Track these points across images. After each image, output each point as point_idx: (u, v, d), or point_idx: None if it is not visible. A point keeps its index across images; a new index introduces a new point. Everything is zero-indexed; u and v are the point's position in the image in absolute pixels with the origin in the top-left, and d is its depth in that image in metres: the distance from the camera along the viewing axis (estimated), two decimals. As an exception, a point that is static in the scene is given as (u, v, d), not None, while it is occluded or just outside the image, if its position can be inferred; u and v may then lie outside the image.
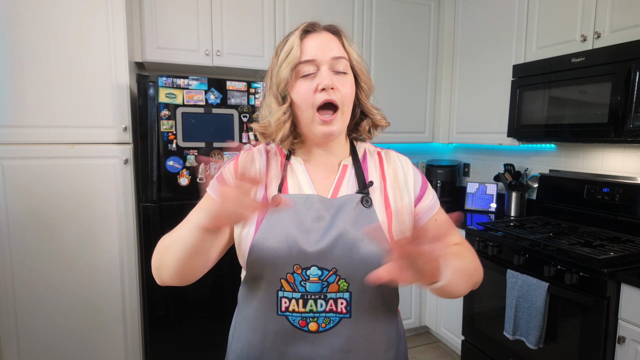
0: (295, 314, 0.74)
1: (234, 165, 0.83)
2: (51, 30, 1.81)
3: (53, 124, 1.85)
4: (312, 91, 0.74)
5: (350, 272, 0.73)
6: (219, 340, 2.12)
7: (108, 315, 2.02)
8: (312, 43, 0.76)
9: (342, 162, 0.83)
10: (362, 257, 0.73)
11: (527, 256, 1.79)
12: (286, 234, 0.73)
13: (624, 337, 1.48)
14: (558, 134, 1.94)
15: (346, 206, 0.76)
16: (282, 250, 0.72)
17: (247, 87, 2.06)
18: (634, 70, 1.59)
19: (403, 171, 0.85)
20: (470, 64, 2.60)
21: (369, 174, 0.83)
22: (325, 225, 0.74)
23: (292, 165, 0.83)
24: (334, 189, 0.80)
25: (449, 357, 2.51)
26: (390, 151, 0.90)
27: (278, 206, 0.75)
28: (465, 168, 3.03)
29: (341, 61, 0.77)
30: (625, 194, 1.90)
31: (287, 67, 0.75)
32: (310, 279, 0.73)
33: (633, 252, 1.59)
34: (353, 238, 0.73)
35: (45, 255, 1.90)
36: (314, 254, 0.72)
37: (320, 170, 0.82)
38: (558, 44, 2.00)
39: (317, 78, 0.75)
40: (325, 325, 0.74)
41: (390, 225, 0.77)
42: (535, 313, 1.70)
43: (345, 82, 0.77)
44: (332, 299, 0.74)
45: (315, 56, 0.75)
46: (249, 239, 0.76)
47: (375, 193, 0.80)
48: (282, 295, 0.74)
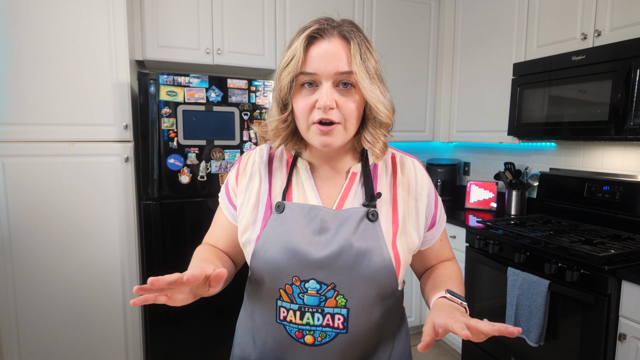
0: (292, 325, 0.73)
1: (236, 172, 0.82)
2: (52, 28, 1.80)
3: (54, 121, 1.85)
4: (310, 106, 0.69)
5: (349, 289, 0.71)
6: (219, 339, 2.12)
7: (109, 313, 2.02)
8: (317, 52, 0.68)
9: (350, 170, 0.78)
10: (362, 274, 0.71)
11: (528, 254, 1.79)
12: (287, 244, 0.71)
13: (624, 334, 1.48)
14: (558, 132, 1.94)
15: (350, 219, 0.73)
16: (282, 261, 0.71)
17: (248, 85, 2.06)
18: (635, 68, 1.60)
19: (416, 184, 0.79)
20: (471, 63, 2.61)
21: (378, 184, 0.78)
22: (328, 238, 0.72)
23: (298, 169, 0.79)
24: (339, 199, 0.76)
25: (449, 355, 2.51)
26: (407, 156, 0.83)
27: None
28: (466, 167, 3.03)
29: (347, 75, 0.69)
30: (626, 192, 1.90)
31: (288, 76, 0.69)
32: (308, 292, 0.71)
33: (633, 250, 1.60)
34: (355, 253, 0.70)
35: (45, 253, 1.89)
36: (313, 266, 0.70)
37: (326, 177, 0.78)
38: (558, 42, 2.00)
39: (317, 93, 0.68)
40: (321, 339, 0.73)
41: (394, 241, 0.74)
42: (536, 311, 1.70)
43: (349, 98, 0.69)
44: (329, 313, 0.72)
45: (317, 69, 0.68)
46: (251, 244, 0.75)
47: (382, 205, 0.76)
48: (280, 304, 0.73)
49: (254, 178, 0.79)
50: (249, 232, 0.76)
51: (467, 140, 2.70)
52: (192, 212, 2.01)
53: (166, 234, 1.99)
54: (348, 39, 0.69)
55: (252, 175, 0.80)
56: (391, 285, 0.74)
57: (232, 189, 0.82)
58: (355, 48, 0.68)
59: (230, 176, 0.83)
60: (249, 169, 0.81)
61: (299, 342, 0.74)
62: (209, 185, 2.03)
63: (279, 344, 0.75)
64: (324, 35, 0.69)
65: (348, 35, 0.69)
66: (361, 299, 0.72)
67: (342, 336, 0.73)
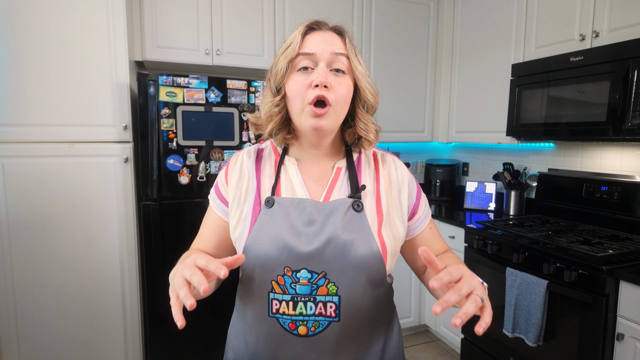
0: (285, 317, 0.74)
1: (225, 172, 0.85)
2: (52, 28, 1.81)
3: (53, 122, 1.85)
4: (306, 87, 0.73)
5: (339, 276, 0.73)
6: (218, 340, 2.12)
7: (108, 314, 2.02)
8: (314, 39, 0.75)
9: (335, 165, 0.83)
10: (351, 261, 0.73)
11: (526, 254, 1.80)
12: (277, 237, 0.74)
13: (622, 334, 1.48)
14: (557, 132, 1.95)
15: (337, 210, 0.76)
16: (273, 253, 0.73)
17: (247, 85, 2.06)
18: (632, 69, 1.60)
19: (397, 176, 0.84)
20: (469, 63, 2.61)
21: (362, 178, 0.82)
22: (317, 229, 0.75)
23: (285, 166, 0.82)
24: (326, 192, 0.80)
25: (448, 355, 2.51)
26: (387, 154, 0.89)
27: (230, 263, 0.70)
28: (465, 167, 3.04)
29: (341, 58, 0.75)
30: (624, 193, 1.91)
31: (285, 60, 0.74)
32: (300, 281, 0.73)
33: (631, 250, 1.60)
34: (343, 242, 0.73)
35: (45, 254, 1.90)
36: (304, 256, 0.73)
37: (313, 172, 0.82)
38: (557, 43, 2.01)
39: (313, 74, 0.73)
40: (314, 329, 0.74)
41: (380, 230, 0.77)
42: (534, 311, 1.71)
43: (342, 82, 0.75)
44: (321, 302, 0.74)
45: (315, 50, 0.74)
46: (242, 239, 0.77)
47: (367, 197, 0.80)
48: (273, 296, 0.75)
49: (243, 176, 0.82)
50: (240, 228, 0.78)
51: (466, 141, 2.71)
52: (192, 212, 2.01)
53: (165, 234, 1.99)
54: (342, 34, 0.78)
55: (241, 173, 0.83)
56: (379, 271, 0.76)
57: (222, 187, 0.85)
58: (348, 39, 0.78)
59: (219, 177, 0.86)
60: (237, 168, 0.84)
61: (292, 334, 0.75)
62: (208, 185, 2.03)
63: (273, 338, 0.76)
64: (320, 28, 0.77)
65: (341, 30, 0.79)
66: (351, 285, 0.74)
67: (335, 325, 0.74)
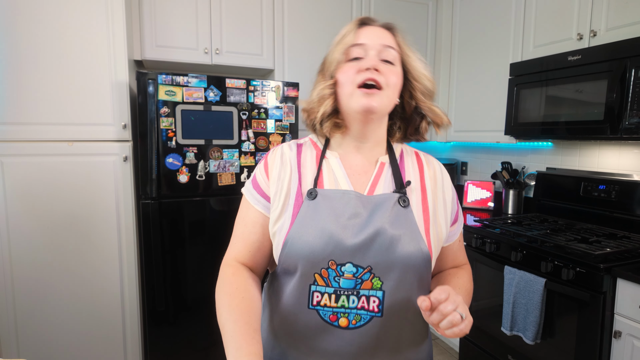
0: (326, 309, 0.73)
1: (264, 166, 0.82)
2: (51, 27, 1.81)
3: (52, 121, 1.85)
4: (356, 71, 0.74)
5: (385, 271, 0.72)
6: (218, 339, 2.12)
7: (107, 313, 2.03)
8: (365, 32, 0.78)
9: (379, 160, 0.82)
10: (398, 257, 0.72)
11: (525, 252, 1.81)
12: (322, 229, 0.72)
13: (620, 332, 1.49)
14: (555, 131, 1.95)
15: (383, 205, 0.75)
16: (318, 245, 0.71)
17: (246, 84, 2.06)
18: (630, 68, 1.61)
19: (442, 179, 0.84)
20: (468, 63, 2.62)
21: (406, 174, 0.81)
22: (362, 222, 0.73)
23: (327, 159, 0.81)
24: (370, 186, 0.78)
25: (447, 353, 2.52)
26: (429, 155, 0.89)
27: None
28: (463, 166, 3.05)
29: (390, 51, 0.77)
30: (621, 191, 1.92)
31: (339, 50, 0.76)
32: (344, 275, 0.72)
33: (629, 248, 1.61)
34: (390, 237, 0.72)
35: (44, 252, 1.90)
36: (350, 249, 0.71)
37: (356, 165, 0.81)
38: (555, 43, 2.02)
39: (363, 61, 0.75)
40: (355, 322, 0.73)
41: (427, 229, 0.76)
42: (532, 309, 1.71)
43: (392, 70, 0.76)
44: (364, 296, 0.72)
45: (365, 41, 0.76)
46: (283, 232, 0.75)
47: (412, 194, 0.78)
48: (314, 289, 0.73)
49: (285, 168, 0.80)
50: (281, 221, 0.76)
51: (465, 140, 2.71)
52: (191, 211, 2.02)
53: (165, 233, 1.99)
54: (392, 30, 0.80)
55: (283, 165, 0.80)
56: (426, 270, 0.75)
57: (262, 181, 0.81)
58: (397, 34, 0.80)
59: (258, 171, 0.83)
60: (278, 160, 0.81)
61: (332, 326, 0.73)
62: (207, 184, 2.03)
63: (310, 330, 0.74)
64: (371, 23, 0.80)
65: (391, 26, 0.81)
66: (397, 282, 0.72)
67: (377, 320, 0.73)
